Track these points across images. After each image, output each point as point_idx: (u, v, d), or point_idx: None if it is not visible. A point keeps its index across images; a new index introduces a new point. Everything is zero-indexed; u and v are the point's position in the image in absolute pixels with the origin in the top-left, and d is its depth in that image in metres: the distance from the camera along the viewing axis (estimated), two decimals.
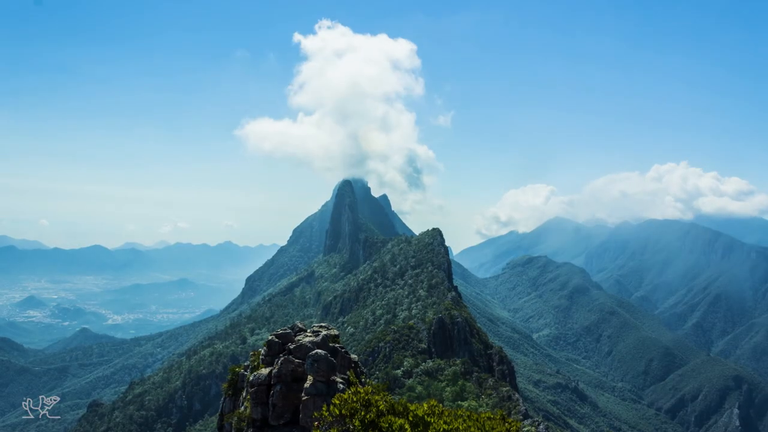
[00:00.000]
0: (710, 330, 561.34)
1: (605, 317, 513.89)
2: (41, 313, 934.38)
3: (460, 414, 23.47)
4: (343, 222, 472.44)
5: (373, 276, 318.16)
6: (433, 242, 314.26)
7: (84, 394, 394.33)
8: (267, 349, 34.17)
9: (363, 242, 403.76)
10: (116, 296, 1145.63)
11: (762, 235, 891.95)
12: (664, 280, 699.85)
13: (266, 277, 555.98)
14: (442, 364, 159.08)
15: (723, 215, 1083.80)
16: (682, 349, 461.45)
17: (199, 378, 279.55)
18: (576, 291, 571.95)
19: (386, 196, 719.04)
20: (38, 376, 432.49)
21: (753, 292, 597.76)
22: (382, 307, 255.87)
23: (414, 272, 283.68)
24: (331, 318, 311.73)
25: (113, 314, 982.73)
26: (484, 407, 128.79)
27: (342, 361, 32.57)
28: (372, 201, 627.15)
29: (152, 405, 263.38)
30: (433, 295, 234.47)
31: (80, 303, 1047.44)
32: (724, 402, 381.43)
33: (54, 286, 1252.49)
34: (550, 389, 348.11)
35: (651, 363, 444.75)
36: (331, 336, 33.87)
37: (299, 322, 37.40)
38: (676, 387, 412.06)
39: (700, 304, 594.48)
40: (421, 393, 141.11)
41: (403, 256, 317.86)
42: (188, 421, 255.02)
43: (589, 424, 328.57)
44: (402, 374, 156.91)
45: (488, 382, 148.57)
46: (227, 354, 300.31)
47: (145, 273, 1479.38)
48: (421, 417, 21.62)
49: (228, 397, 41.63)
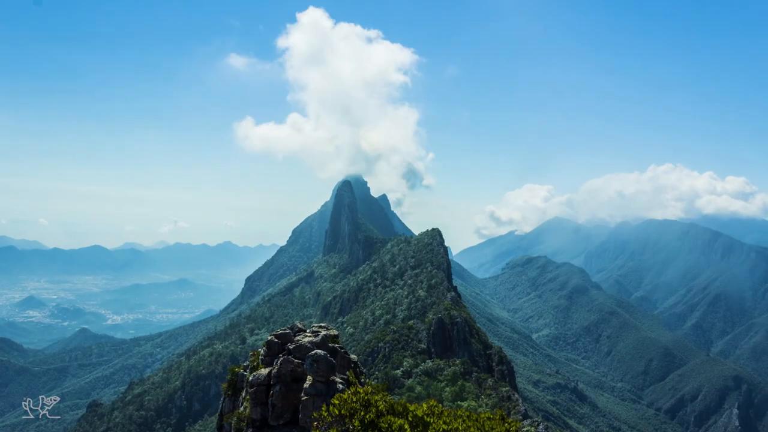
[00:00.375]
0: (710, 330, 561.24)
1: (605, 317, 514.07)
2: (41, 313, 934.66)
3: (460, 414, 23.46)
4: (342, 222, 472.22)
5: (372, 276, 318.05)
6: (432, 242, 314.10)
7: (83, 395, 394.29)
8: (266, 350, 34.17)
9: (362, 242, 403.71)
10: (116, 296, 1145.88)
11: (762, 235, 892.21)
12: (664, 280, 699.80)
13: (266, 278, 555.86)
14: (442, 364, 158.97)
15: (722, 215, 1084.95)
16: (681, 349, 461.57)
17: (199, 378, 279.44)
18: (575, 291, 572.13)
19: (385, 196, 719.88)
20: (38, 376, 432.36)
21: (752, 292, 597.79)
22: (381, 307, 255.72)
23: (413, 272, 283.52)
24: (330, 318, 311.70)
25: (113, 314, 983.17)
26: (484, 407, 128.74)
27: (341, 361, 32.56)
28: (371, 201, 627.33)
29: (152, 405, 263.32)
30: (433, 295, 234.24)
31: (80, 303, 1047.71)
32: (723, 402, 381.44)
33: (53, 286, 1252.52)
34: (550, 389, 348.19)
35: (650, 363, 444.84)
36: (330, 336, 33.87)
37: (299, 323, 37.39)
38: (676, 387, 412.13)
39: (700, 304, 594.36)
40: (420, 393, 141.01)
41: (403, 256, 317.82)
42: (188, 421, 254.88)
43: (588, 424, 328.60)
44: (401, 374, 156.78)
45: (488, 383, 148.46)
46: (227, 354, 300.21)
47: (145, 273, 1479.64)
48: (421, 417, 21.63)
49: (227, 398, 41.62)
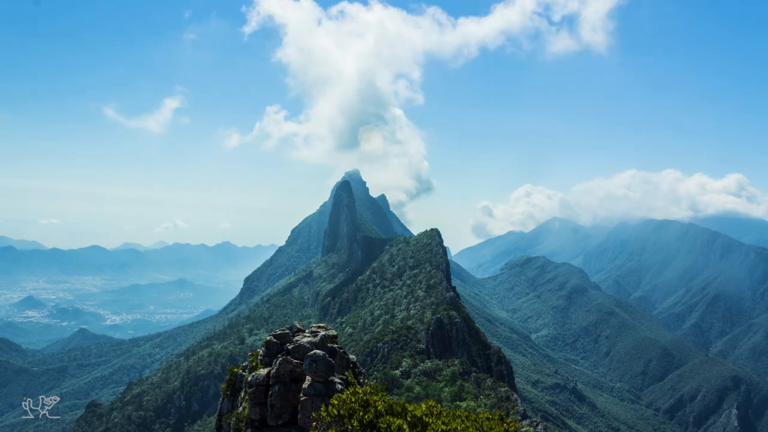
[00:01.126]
0: (709, 330, 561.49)
1: (604, 317, 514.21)
2: (40, 313, 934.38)
3: (459, 414, 23.48)
4: (341, 222, 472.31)
5: (371, 276, 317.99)
6: (431, 242, 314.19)
7: (82, 395, 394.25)
8: (265, 350, 34.14)
9: (361, 242, 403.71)
10: (115, 296, 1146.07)
11: (760, 236, 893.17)
12: (663, 281, 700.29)
13: (264, 278, 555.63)
14: (441, 364, 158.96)
15: (721, 215, 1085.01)
16: (680, 349, 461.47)
17: (198, 378, 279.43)
18: (574, 291, 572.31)
19: (384, 196, 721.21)
20: (36, 376, 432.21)
21: (751, 292, 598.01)
22: (380, 307, 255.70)
23: (412, 272, 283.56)
24: (329, 318, 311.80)
25: (112, 314, 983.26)
26: (483, 408, 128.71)
27: (340, 361, 32.55)
28: (370, 201, 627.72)
29: (151, 405, 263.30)
30: (432, 295, 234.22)
31: (79, 303, 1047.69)
32: (722, 402, 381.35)
33: (52, 287, 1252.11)
34: (549, 389, 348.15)
35: (649, 363, 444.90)
36: (329, 336, 33.84)
37: (297, 323, 37.35)
38: (675, 387, 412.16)
39: (699, 305, 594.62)
40: (419, 393, 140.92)
41: (402, 257, 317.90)
42: (187, 421, 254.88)
43: (587, 424, 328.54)
44: (400, 374, 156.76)
45: (486, 383, 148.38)
46: (225, 354, 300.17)
47: (144, 273, 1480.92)
48: (420, 417, 21.63)
49: (226, 398, 41.65)
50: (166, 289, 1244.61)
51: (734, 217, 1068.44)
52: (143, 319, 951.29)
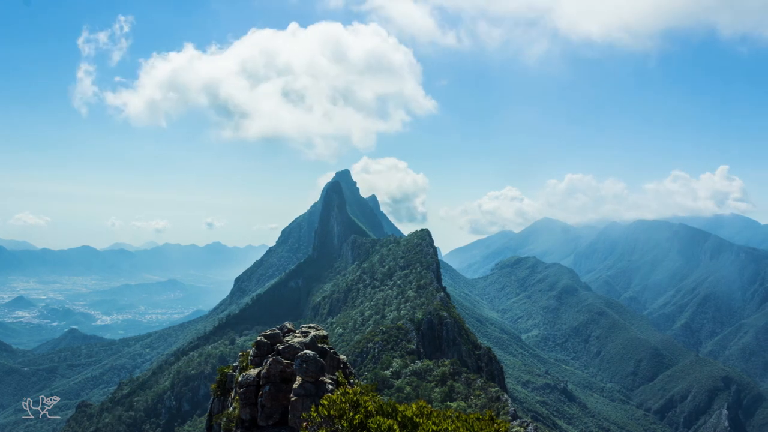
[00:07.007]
0: (699, 331, 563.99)
1: (594, 318, 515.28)
2: (30, 313, 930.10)
3: (449, 415, 23.45)
4: (331, 222, 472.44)
5: (361, 276, 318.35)
6: (421, 243, 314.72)
7: (73, 395, 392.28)
8: (256, 350, 34.06)
9: (352, 243, 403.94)
10: (105, 297, 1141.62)
11: (750, 236, 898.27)
12: (653, 281, 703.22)
13: (255, 278, 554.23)
14: (431, 364, 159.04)
15: (712, 216, 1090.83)
16: (670, 349, 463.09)
17: (188, 379, 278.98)
18: (565, 292, 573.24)
19: (375, 196, 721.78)
20: (27, 376, 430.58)
21: (742, 292, 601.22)
22: (370, 307, 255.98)
23: (403, 273, 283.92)
24: (319, 319, 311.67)
25: (102, 315, 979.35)
26: (473, 408, 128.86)
27: (331, 361, 32.51)
28: (361, 201, 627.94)
29: (141, 406, 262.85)
30: (422, 295, 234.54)
31: (69, 303, 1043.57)
32: (712, 403, 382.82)
33: (43, 287, 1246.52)
34: (539, 390, 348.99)
35: (640, 364, 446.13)
36: (319, 337, 33.79)
37: (288, 323, 37.29)
38: (665, 388, 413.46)
39: (689, 305, 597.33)
40: (409, 394, 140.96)
41: (392, 257, 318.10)
42: (177, 421, 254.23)
43: (577, 424, 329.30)
44: (391, 375, 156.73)
45: (477, 383, 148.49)
46: (216, 354, 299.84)
47: (134, 273, 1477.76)
48: (410, 418, 21.61)
49: (217, 398, 41.55)
50: (156, 289, 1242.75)
51: (725, 218, 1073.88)
52: (133, 319, 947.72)
